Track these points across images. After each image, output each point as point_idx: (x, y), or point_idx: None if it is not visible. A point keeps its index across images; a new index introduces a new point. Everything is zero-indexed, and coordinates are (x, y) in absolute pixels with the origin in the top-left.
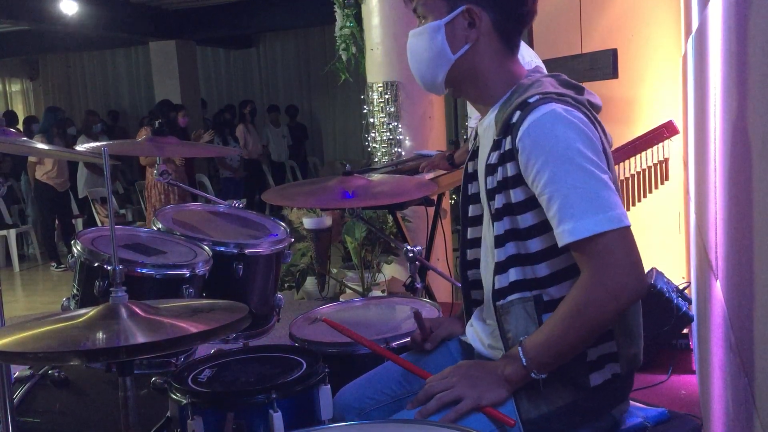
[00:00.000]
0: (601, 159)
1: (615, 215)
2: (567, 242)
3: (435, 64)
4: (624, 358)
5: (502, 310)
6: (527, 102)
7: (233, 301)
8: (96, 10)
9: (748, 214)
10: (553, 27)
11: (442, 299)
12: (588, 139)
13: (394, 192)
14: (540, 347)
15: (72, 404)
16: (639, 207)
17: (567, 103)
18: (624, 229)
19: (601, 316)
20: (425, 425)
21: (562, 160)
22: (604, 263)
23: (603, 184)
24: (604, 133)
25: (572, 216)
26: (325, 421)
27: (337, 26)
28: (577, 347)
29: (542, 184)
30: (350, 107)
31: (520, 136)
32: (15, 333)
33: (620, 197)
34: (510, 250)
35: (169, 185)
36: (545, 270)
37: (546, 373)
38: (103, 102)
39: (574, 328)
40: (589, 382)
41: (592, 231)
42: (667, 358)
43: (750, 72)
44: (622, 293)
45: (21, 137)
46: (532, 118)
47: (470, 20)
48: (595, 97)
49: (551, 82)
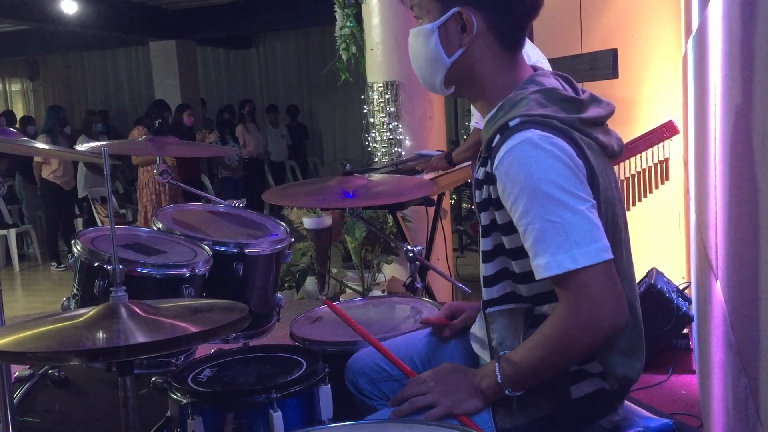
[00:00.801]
0: (580, 188)
1: (592, 250)
2: (542, 277)
3: (432, 67)
4: (613, 377)
5: (490, 318)
6: (507, 126)
7: (233, 301)
8: (96, 10)
9: (749, 214)
10: (553, 27)
11: (442, 299)
12: (565, 168)
13: (394, 192)
14: (515, 367)
15: (72, 404)
16: (639, 207)
17: (549, 127)
18: (601, 265)
19: (574, 348)
20: (425, 425)
21: (535, 192)
22: (579, 298)
23: (580, 215)
24: (602, 147)
25: (545, 250)
26: (325, 421)
27: (337, 26)
28: (552, 373)
29: (517, 215)
30: (350, 107)
31: (496, 165)
32: (15, 333)
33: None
34: (498, 265)
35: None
36: (528, 291)
37: (520, 391)
38: (104, 102)
39: (547, 356)
40: (570, 394)
41: (564, 268)
42: (667, 358)
43: (750, 72)
44: (596, 328)
45: (21, 137)
46: (507, 146)
47: (462, 24)
48: (600, 107)
49: (538, 99)
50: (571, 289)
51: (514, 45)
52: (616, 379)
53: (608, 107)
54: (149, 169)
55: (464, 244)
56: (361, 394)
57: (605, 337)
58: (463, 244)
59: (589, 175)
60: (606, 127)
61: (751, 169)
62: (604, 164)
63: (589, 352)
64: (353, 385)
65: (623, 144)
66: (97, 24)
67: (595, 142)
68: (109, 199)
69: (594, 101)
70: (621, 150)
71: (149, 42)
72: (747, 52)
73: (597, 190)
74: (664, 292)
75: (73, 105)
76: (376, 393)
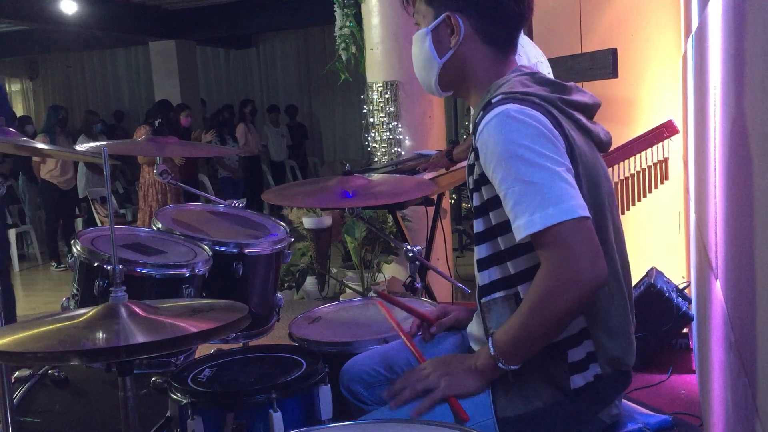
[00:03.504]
0: (555, 152)
1: (568, 207)
2: (521, 237)
3: (427, 69)
4: (604, 358)
5: (485, 307)
6: (490, 102)
7: (233, 301)
8: (96, 10)
9: (748, 214)
10: (553, 27)
11: (442, 299)
12: (539, 134)
13: (394, 192)
14: (505, 337)
15: (72, 404)
16: (639, 207)
17: (527, 102)
18: (577, 220)
19: (559, 305)
20: (424, 425)
21: (511, 157)
22: (559, 254)
23: (556, 176)
24: (585, 131)
25: (524, 211)
26: (325, 421)
27: (337, 26)
28: (541, 338)
29: (498, 182)
30: (350, 107)
31: (477, 137)
32: (15, 333)
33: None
34: (489, 248)
35: (168, 185)
36: (515, 267)
37: (515, 364)
38: (104, 102)
39: (534, 319)
40: (570, 384)
41: (543, 224)
42: (667, 358)
43: (750, 71)
44: (578, 282)
45: (20, 137)
46: (487, 119)
47: (451, 27)
48: (584, 96)
49: (522, 80)
50: (549, 245)
51: (504, 46)
52: (609, 361)
53: (593, 98)
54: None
55: (464, 244)
56: (357, 400)
57: (588, 290)
58: (463, 244)
59: (567, 146)
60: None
61: (751, 169)
62: (588, 146)
63: (574, 309)
64: (348, 391)
65: (611, 137)
66: (97, 24)
67: (576, 124)
68: (108, 199)
69: (578, 90)
70: (609, 141)
71: (149, 42)
72: (746, 51)
73: (575, 161)
74: (664, 291)
75: (73, 105)
76: (372, 398)
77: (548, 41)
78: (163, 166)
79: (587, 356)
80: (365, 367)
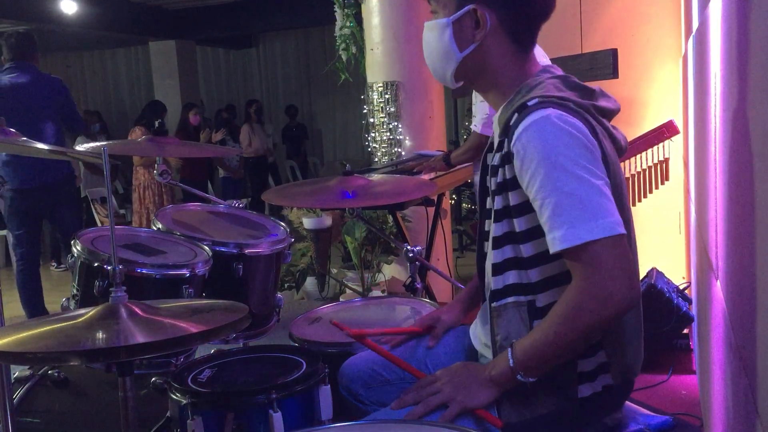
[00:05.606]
0: (596, 166)
1: (607, 223)
2: (558, 249)
3: (444, 60)
4: (616, 369)
5: (495, 312)
6: (526, 105)
7: (233, 301)
8: (96, 9)
9: (749, 214)
10: (553, 27)
11: (442, 299)
12: (581, 146)
13: (394, 192)
14: (527, 350)
15: (72, 404)
16: (639, 207)
17: (566, 108)
18: (616, 237)
19: (589, 323)
20: (424, 425)
21: (553, 166)
22: (594, 271)
23: (596, 190)
24: (612, 139)
25: (563, 223)
26: (325, 421)
27: (337, 26)
28: (565, 354)
29: (534, 190)
30: (350, 107)
31: (514, 141)
32: (15, 333)
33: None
34: (507, 252)
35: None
36: (537, 275)
37: (533, 377)
38: (104, 102)
39: (561, 334)
40: (577, 393)
41: (582, 239)
42: (668, 359)
43: (750, 72)
44: (610, 301)
45: (20, 137)
46: (526, 123)
47: (476, 20)
48: (609, 101)
49: (555, 84)
50: (586, 261)
51: (526, 43)
52: (620, 371)
53: (615, 103)
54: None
55: (464, 244)
56: (357, 400)
57: (617, 311)
58: (463, 244)
59: (603, 157)
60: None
61: (752, 169)
62: (614, 154)
63: (601, 328)
64: (347, 391)
65: (627, 142)
66: (97, 24)
67: (607, 131)
68: (108, 199)
69: (603, 95)
70: (627, 146)
71: (149, 42)
72: (747, 51)
73: (609, 170)
74: (664, 292)
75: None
76: (371, 398)
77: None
78: (163, 167)
79: (597, 367)
80: (364, 367)
